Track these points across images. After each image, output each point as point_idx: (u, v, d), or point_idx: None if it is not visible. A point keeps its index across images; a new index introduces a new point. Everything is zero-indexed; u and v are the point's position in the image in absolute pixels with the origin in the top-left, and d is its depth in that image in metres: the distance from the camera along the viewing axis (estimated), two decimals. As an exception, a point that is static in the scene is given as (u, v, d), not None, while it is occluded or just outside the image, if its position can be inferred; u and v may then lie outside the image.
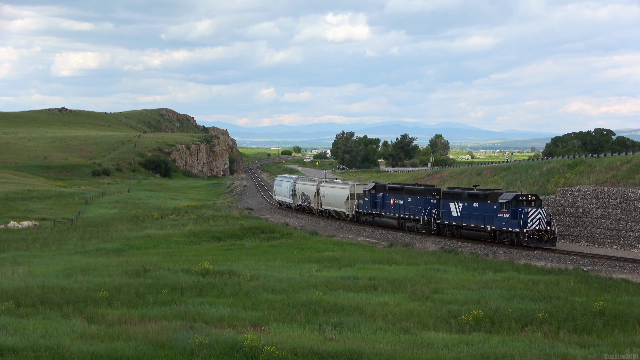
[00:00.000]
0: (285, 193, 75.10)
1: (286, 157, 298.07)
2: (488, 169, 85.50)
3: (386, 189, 55.19)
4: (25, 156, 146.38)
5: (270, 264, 33.34)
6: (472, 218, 45.51)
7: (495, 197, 43.85)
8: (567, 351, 17.34)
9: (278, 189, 78.82)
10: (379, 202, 55.28)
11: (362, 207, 57.68)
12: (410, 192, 51.94)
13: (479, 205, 45.06)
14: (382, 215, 54.79)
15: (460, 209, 46.57)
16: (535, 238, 41.78)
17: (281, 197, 77.19)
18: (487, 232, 44.41)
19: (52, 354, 16.22)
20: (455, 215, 47.04)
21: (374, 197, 55.92)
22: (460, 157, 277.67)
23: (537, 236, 41.84)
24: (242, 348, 16.58)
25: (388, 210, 54.15)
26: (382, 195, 55.05)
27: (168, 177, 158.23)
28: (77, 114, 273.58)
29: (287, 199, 74.65)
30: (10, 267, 31.55)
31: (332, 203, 62.97)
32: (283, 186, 76.63)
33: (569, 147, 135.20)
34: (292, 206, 73.55)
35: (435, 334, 19.19)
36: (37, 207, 74.99)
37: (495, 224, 43.73)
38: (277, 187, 79.63)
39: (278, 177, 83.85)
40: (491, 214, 44.07)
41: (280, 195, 77.74)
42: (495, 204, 43.73)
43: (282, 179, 79.64)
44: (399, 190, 53.55)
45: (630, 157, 59.72)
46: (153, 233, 49.15)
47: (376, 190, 56.09)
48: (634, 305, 23.59)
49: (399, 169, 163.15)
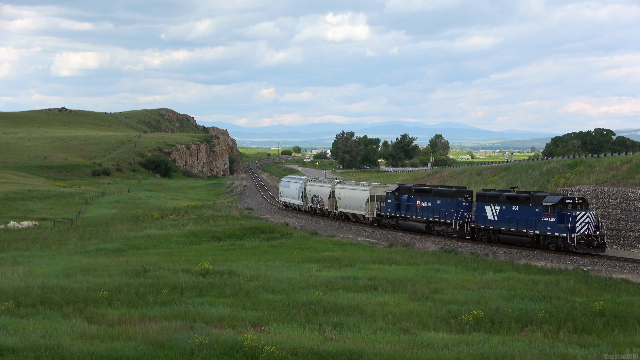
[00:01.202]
0: (294, 195, 72.92)
1: (286, 157, 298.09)
2: (488, 169, 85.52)
3: (412, 190, 52.67)
4: (25, 156, 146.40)
5: (270, 264, 33.34)
6: (512, 222, 43.02)
7: (539, 199, 41.55)
8: (567, 351, 17.34)
9: (285, 190, 76.61)
10: (404, 205, 52.92)
11: (385, 209, 55.23)
12: (439, 194, 49.55)
13: (519, 208, 42.61)
14: (408, 218, 52.38)
15: (498, 212, 44.12)
16: (585, 243, 39.30)
17: (288, 198, 75.10)
18: (529, 237, 42.02)
19: (52, 354, 16.22)
20: (492, 219, 44.59)
21: (398, 199, 53.53)
22: (460, 157, 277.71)
23: (587, 241, 39.36)
24: (242, 348, 16.58)
25: (414, 213, 51.77)
26: (407, 198, 52.69)
27: (168, 177, 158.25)
28: (77, 114, 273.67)
29: (295, 200, 72.56)
30: (10, 267, 31.54)
31: (350, 205, 60.52)
32: (291, 187, 74.42)
33: (569, 147, 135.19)
34: (301, 208, 71.51)
35: (435, 334, 19.18)
36: (37, 207, 75.00)
37: (539, 228, 41.23)
38: (283, 189, 77.44)
39: (284, 178, 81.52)
40: (534, 218, 41.64)
41: (287, 197, 75.65)
42: (538, 207, 41.37)
43: (289, 180, 77.47)
44: (426, 192, 51.08)
45: (630, 157, 59.73)
46: (153, 233, 49.16)
47: (400, 192, 53.74)
48: (634, 305, 23.59)
49: (399, 169, 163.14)
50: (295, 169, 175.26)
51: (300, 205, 71.31)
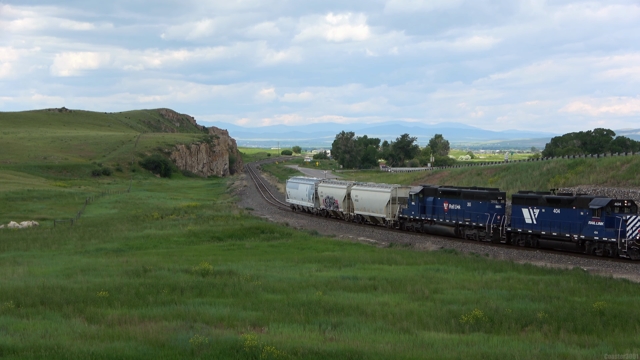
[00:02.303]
0: (303, 196, 70.19)
1: (286, 157, 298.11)
2: (488, 169, 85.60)
3: (438, 192, 50.10)
4: (25, 156, 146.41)
5: (270, 264, 33.35)
6: (553, 226, 40.85)
7: (584, 202, 39.40)
8: (567, 351, 17.34)
9: (293, 191, 73.92)
10: (429, 207, 50.43)
11: (408, 212, 52.58)
12: (469, 197, 47.00)
13: (561, 211, 40.48)
14: (434, 221, 49.86)
15: (537, 215, 41.88)
16: (636, 249, 37.10)
17: (297, 200, 72.34)
18: (574, 242, 39.84)
19: (52, 354, 16.22)
20: (530, 223, 42.33)
21: (423, 201, 51.05)
22: (460, 157, 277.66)
23: (638, 247, 37.14)
24: (242, 348, 16.59)
25: (441, 216, 49.19)
26: (433, 200, 50.13)
27: (168, 177, 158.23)
28: (77, 114, 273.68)
29: (305, 202, 69.85)
30: (10, 267, 31.55)
31: (368, 208, 57.76)
32: (300, 189, 71.65)
33: (569, 147, 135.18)
34: (310, 210, 68.93)
35: (435, 334, 19.19)
36: (37, 207, 75.00)
37: (585, 233, 39.04)
38: (291, 190, 74.69)
39: (292, 179, 78.78)
40: (578, 222, 39.48)
41: (295, 198, 72.95)
42: (583, 210, 39.26)
43: (297, 181, 74.78)
44: (455, 194, 48.57)
45: (630, 157, 59.80)
46: (153, 233, 49.16)
47: (425, 194, 51.25)
48: (634, 305, 23.60)
49: (399, 169, 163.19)
50: (295, 169, 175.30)
51: (310, 207, 68.86)
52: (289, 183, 76.86)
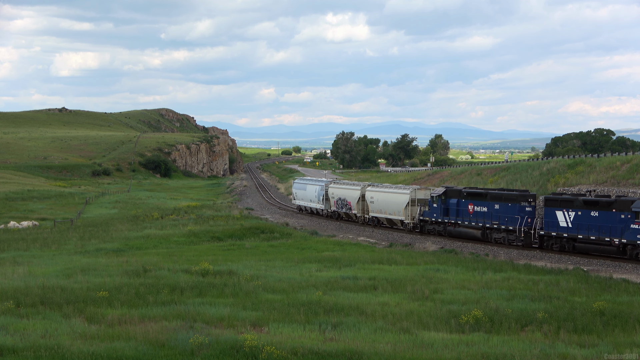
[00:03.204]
0: (312, 198, 67.80)
1: (286, 157, 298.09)
2: (488, 169, 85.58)
3: (462, 194, 48.16)
4: (25, 156, 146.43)
5: (270, 264, 33.36)
6: (591, 229, 38.93)
7: (626, 204, 37.51)
8: (567, 351, 17.34)
9: (300, 192, 71.42)
10: (453, 209, 48.51)
11: (429, 214, 50.59)
12: (497, 198, 45.03)
13: (599, 214, 38.70)
14: (459, 224, 47.95)
15: (572, 218, 40.07)
16: None
17: (305, 202, 69.90)
18: (614, 247, 37.99)
19: (52, 354, 16.22)
20: (565, 226, 40.42)
21: (446, 203, 49.12)
22: (460, 157, 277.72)
23: None
24: (242, 348, 16.59)
25: (466, 218, 47.26)
26: (457, 202, 48.20)
27: (168, 177, 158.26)
28: (77, 114, 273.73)
29: (314, 204, 67.42)
30: (10, 267, 31.56)
31: (385, 210, 55.45)
32: (308, 190, 69.06)
33: (569, 147, 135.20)
34: (320, 212, 66.49)
35: (435, 334, 19.19)
36: (37, 207, 75.01)
37: (627, 237, 37.14)
38: (298, 191, 72.11)
39: (299, 180, 76.16)
40: (619, 225, 37.59)
41: (303, 200, 70.49)
42: (624, 213, 37.42)
43: (305, 182, 72.21)
44: (481, 196, 46.60)
45: (630, 157, 59.79)
46: (153, 233, 49.17)
47: (448, 195, 49.31)
48: (634, 305, 23.60)
49: (399, 169, 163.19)
50: (295, 169, 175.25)
51: (320, 209, 66.47)
52: (296, 184, 74.46)
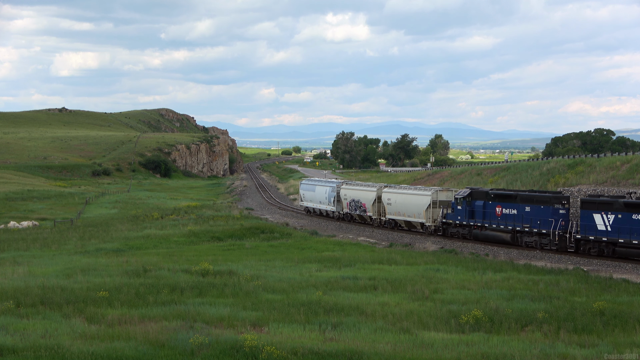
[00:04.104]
0: (322, 199, 65.79)
1: (286, 157, 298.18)
2: (488, 169, 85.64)
3: (489, 195, 46.41)
4: (25, 156, 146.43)
5: (270, 264, 33.36)
6: (634, 234, 37.32)
7: None
8: (567, 351, 17.35)
9: (308, 194, 69.05)
10: (479, 212, 46.71)
11: (453, 217, 48.61)
12: (528, 200, 43.26)
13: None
14: (486, 227, 46.11)
15: (611, 221, 38.49)
16: None
17: (314, 203, 67.71)
18: None
19: (52, 354, 16.23)
20: (604, 230, 38.79)
21: (471, 205, 47.27)
22: (460, 157, 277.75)
23: None
24: (242, 348, 16.59)
25: (494, 221, 45.41)
26: (484, 204, 46.46)
27: (168, 177, 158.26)
28: (77, 114, 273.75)
29: (324, 206, 65.44)
30: (10, 267, 31.56)
31: (404, 212, 53.41)
32: (317, 191, 66.95)
33: (569, 147, 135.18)
34: (330, 214, 64.81)
35: (435, 334, 19.20)
36: (37, 207, 75.00)
37: None
38: (306, 192, 69.77)
39: (307, 181, 73.68)
40: None
41: (312, 201, 68.25)
42: None
43: (314, 183, 69.81)
44: (509, 198, 44.78)
45: (630, 157, 59.85)
46: (153, 233, 49.16)
47: (473, 197, 47.48)
48: (634, 305, 23.60)
49: (399, 169, 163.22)
50: (295, 169, 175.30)
51: (330, 211, 64.59)
52: (303, 185, 72.17)
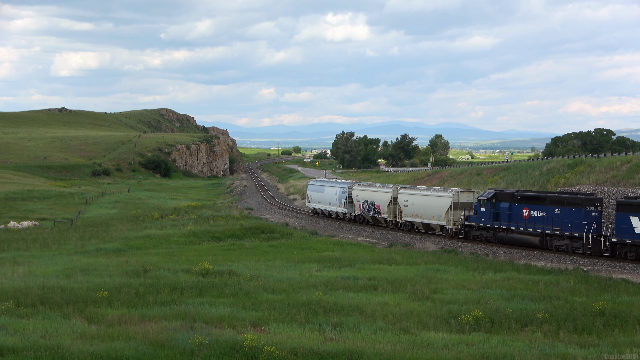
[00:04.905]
0: (332, 201, 64.04)
1: (286, 157, 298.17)
2: (488, 169, 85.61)
3: (516, 197, 44.49)
4: (25, 156, 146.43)
5: (270, 264, 33.36)
6: None
7: None
8: (567, 351, 17.35)
9: (317, 195, 67.04)
10: (504, 214, 44.88)
11: (476, 219, 46.76)
12: (558, 202, 41.47)
13: None
14: (512, 230, 44.34)
15: None
16: None
17: (323, 205, 65.86)
18: None
19: (52, 354, 16.23)
20: None
21: (496, 207, 45.46)
22: (460, 157, 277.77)
23: None
24: (242, 348, 16.60)
25: (521, 224, 43.56)
26: (510, 206, 44.66)
27: (168, 177, 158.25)
28: (77, 114, 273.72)
29: (334, 207, 63.75)
30: (10, 267, 31.56)
31: (423, 214, 51.66)
32: (327, 192, 65.15)
33: (569, 147, 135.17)
34: (342, 216, 63.01)
35: (435, 334, 19.20)
36: (37, 207, 74.99)
37: None
38: (314, 194, 67.69)
39: (315, 182, 71.56)
40: None
41: (320, 203, 66.36)
42: None
43: (323, 184, 67.94)
44: (537, 200, 43.03)
45: (630, 157, 59.80)
46: (153, 233, 49.17)
47: (498, 199, 45.65)
48: (634, 305, 23.62)
49: (399, 169, 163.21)
50: (295, 169, 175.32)
51: (341, 213, 62.90)
52: (311, 186, 70.03)
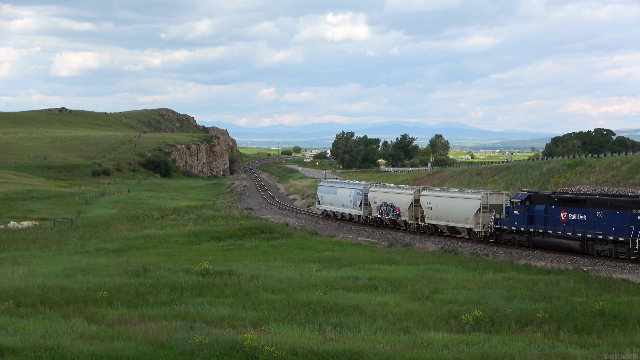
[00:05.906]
0: (346, 203, 61.60)
1: (286, 157, 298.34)
2: (488, 169, 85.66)
3: (552, 199, 42.11)
4: (25, 156, 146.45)
5: (270, 264, 33.35)
6: None
7: None
8: (567, 351, 17.35)
9: (329, 196, 64.66)
10: (539, 217, 42.59)
11: (508, 223, 44.44)
12: (600, 205, 39.01)
13: None
14: (549, 234, 42.05)
15: None
16: None
17: (335, 207, 63.49)
18: None
19: (52, 354, 16.23)
20: None
21: (530, 210, 43.21)
22: (460, 157, 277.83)
23: None
24: (242, 348, 16.60)
25: (558, 228, 41.27)
26: (545, 208, 42.32)
27: (168, 177, 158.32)
28: (77, 114, 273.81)
29: (348, 209, 61.27)
30: (10, 267, 31.56)
31: (448, 217, 49.18)
32: (340, 194, 62.82)
33: (569, 147, 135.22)
34: (356, 219, 60.56)
35: (435, 334, 19.20)
36: (37, 207, 75.00)
37: None
38: (325, 195, 65.33)
39: (326, 183, 69.39)
40: None
41: (332, 204, 63.92)
42: None
43: (335, 185, 65.47)
44: (577, 202, 40.53)
45: (630, 157, 59.87)
46: (153, 233, 49.16)
47: (532, 201, 43.39)
48: (634, 305, 23.61)
49: (399, 169, 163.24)
50: (295, 169, 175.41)
51: (355, 215, 60.37)
52: (322, 187, 67.36)
